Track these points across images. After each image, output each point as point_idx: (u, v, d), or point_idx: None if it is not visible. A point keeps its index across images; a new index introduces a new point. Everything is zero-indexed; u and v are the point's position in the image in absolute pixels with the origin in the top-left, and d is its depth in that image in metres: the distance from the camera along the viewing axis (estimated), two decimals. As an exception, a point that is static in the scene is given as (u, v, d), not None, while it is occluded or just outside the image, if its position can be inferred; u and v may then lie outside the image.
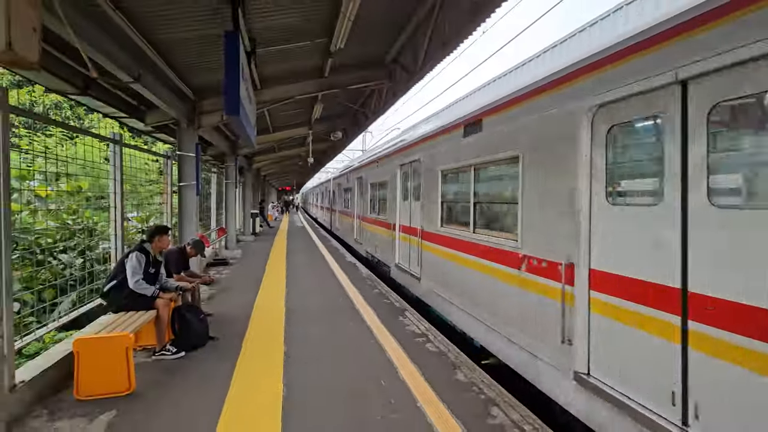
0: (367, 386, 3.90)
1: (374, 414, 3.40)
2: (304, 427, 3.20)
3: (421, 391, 3.81)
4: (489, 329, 4.79)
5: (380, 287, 8.28)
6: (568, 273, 3.42)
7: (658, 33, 2.73)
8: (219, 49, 5.57)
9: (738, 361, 2.21)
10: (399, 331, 5.56)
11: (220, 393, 3.74)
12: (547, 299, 3.72)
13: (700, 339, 2.42)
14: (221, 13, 4.46)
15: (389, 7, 5.28)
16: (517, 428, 3.23)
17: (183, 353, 4.59)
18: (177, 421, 3.29)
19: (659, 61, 2.70)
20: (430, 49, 5.68)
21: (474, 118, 5.01)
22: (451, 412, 3.43)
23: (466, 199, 5.47)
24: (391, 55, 7.12)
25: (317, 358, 4.59)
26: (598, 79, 3.19)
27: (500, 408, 3.53)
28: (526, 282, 4.06)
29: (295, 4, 4.62)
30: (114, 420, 3.29)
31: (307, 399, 3.64)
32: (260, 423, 3.25)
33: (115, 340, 3.66)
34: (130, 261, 4.44)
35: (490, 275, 4.76)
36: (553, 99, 3.70)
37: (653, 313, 2.72)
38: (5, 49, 2.07)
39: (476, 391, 3.86)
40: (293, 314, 6.27)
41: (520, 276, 4.16)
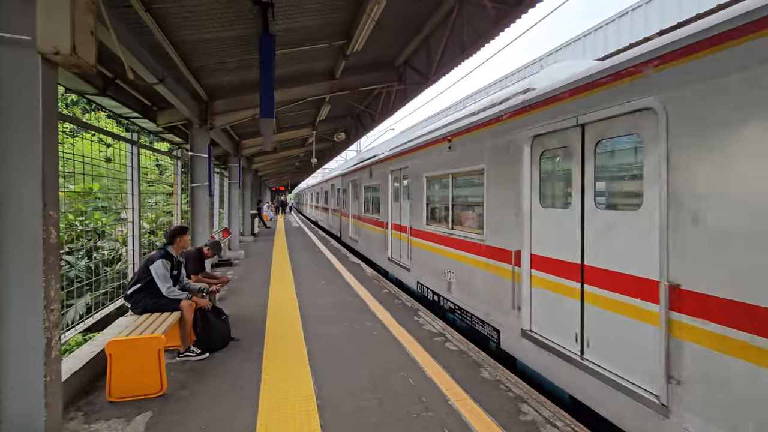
0: (397, 385, 3.96)
1: (410, 412, 3.46)
2: (343, 426, 3.25)
3: (450, 390, 3.87)
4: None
5: (389, 287, 8.33)
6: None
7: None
8: (238, 51, 5.62)
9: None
10: (416, 330, 5.62)
11: (251, 393, 3.76)
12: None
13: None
14: (246, 14, 4.47)
15: (406, 10, 5.33)
16: (550, 424, 3.31)
17: (207, 354, 4.61)
18: (215, 420, 3.31)
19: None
20: (446, 53, 5.75)
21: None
22: (484, 410, 3.51)
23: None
24: (402, 57, 7.18)
25: (342, 357, 4.63)
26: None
27: (530, 405, 3.61)
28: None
29: (319, 6, 4.65)
30: (151, 421, 3.30)
31: (340, 398, 3.68)
32: (299, 422, 3.28)
33: (147, 341, 3.67)
34: (156, 268, 4.44)
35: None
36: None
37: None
38: (71, 52, 2.09)
39: (504, 388, 3.93)
40: (308, 314, 6.30)
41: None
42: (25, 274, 2.13)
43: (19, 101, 2.08)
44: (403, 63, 7.32)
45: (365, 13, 4.28)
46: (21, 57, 2.06)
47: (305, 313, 6.37)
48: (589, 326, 3.64)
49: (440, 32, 5.76)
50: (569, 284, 3.86)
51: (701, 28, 2.68)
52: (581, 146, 3.67)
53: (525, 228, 4.43)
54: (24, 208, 2.12)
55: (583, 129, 3.64)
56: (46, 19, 2.05)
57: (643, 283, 3.08)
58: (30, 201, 2.12)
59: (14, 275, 2.12)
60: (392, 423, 3.29)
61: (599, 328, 3.52)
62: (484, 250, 5.31)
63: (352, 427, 3.23)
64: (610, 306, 3.40)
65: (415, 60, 6.92)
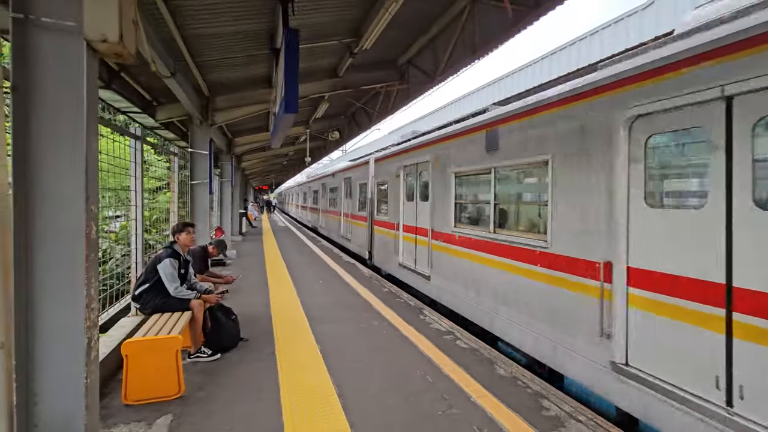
0: (416, 383, 3.97)
1: (434, 409, 3.47)
2: (371, 423, 3.23)
3: (470, 386, 3.90)
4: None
5: (389, 286, 8.33)
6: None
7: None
8: (244, 46, 5.52)
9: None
10: (424, 328, 5.64)
11: (271, 393, 3.71)
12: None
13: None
14: (259, 8, 4.40)
15: (417, 8, 5.35)
16: (573, 419, 3.38)
17: (219, 355, 4.51)
18: (239, 421, 3.25)
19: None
20: (455, 53, 5.79)
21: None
22: (507, 405, 3.55)
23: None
24: (406, 56, 7.19)
25: (356, 356, 4.60)
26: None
27: (550, 401, 3.67)
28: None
29: (335, 2, 4.62)
30: (173, 424, 3.21)
31: (363, 397, 3.66)
32: (326, 422, 3.25)
33: (165, 342, 3.57)
34: (164, 267, 4.32)
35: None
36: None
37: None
38: (118, 40, 2.02)
39: (521, 385, 3.99)
40: (313, 313, 6.24)
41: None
42: (66, 271, 2.04)
43: (63, 91, 1.99)
44: (407, 62, 7.34)
45: (383, 9, 4.27)
46: (67, 44, 1.98)
47: (309, 312, 6.30)
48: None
49: (449, 32, 5.79)
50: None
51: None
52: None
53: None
54: (66, 202, 2.03)
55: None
56: (93, 6, 1.96)
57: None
58: (72, 195, 2.03)
59: (54, 272, 2.03)
60: (420, 421, 3.30)
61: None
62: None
63: (382, 425, 3.22)
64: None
65: (420, 59, 6.94)
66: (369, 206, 10.87)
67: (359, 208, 12.05)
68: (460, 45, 5.65)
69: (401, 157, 8.20)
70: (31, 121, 1.97)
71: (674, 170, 3.32)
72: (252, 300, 7.01)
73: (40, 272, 2.01)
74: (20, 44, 1.93)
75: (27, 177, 1.98)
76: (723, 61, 2.73)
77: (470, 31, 5.34)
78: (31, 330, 2.02)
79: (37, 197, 2.00)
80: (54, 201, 2.02)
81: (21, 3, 1.91)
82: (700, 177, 3.03)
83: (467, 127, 5.72)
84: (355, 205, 12.45)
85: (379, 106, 9.28)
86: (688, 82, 2.93)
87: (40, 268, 2.01)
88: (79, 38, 1.98)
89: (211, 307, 4.71)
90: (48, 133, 2.00)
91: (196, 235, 7.14)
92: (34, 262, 2.00)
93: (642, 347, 3.29)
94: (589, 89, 3.81)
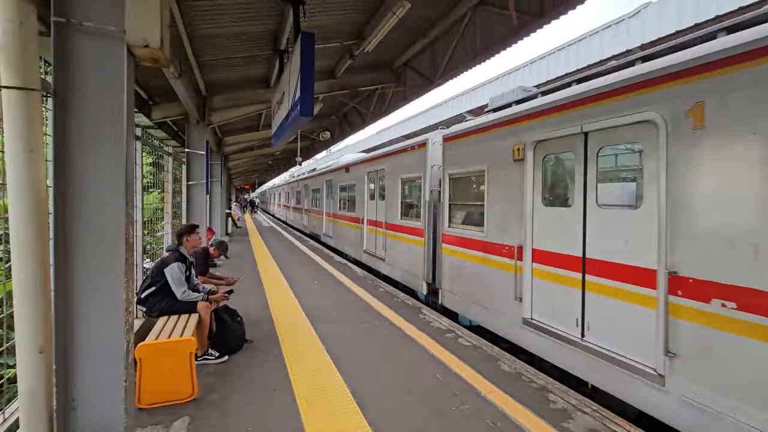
0: (426, 380, 4.06)
1: (449, 405, 3.57)
2: (388, 420, 3.31)
3: (478, 383, 4.02)
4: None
5: (385, 286, 8.41)
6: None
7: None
8: (246, 47, 5.51)
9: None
10: (426, 327, 5.75)
11: (286, 394, 3.74)
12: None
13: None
14: (267, 11, 4.41)
15: (419, 13, 5.44)
16: (580, 411, 3.54)
17: (226, 357, 4.49)
18: (258, 422, 3.27)
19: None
20: (454, 57, 5.91)
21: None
22: (516, 400, 3.68)
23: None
24: (403, 58, 7.28)
25: (363, 355, 4.67)
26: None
27: (556, 394, 3.83)
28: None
29: (342, 5, 4.66)
30: (191, 427, 3.20)
31: (377, 395, 3.73)
32: (345, 421, 3.31)
33: (179, 344, 3.55)
34: (171, 272, 4.29)
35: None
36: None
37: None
38: (159, 46, 2.03)
39: (527, 380, 4.14)
40: (313, 314, 6.26)
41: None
42: (105, 273, 2.04)
43: (103, 94, 1.99)
44: (403, 64, 7.43)
45: (390, 12, 4.34)
46: (107, 48, 1.98)
47: (310, 313, 6.32)
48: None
49: (450, 36, 5.90)
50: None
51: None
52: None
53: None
54: (105, 205, 2.03)
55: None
56: (135, 12, 1.97)
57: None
58: (111, 198, 2.04)
59: (94, 275, 2.03)
60: (435, 417, 3.39)
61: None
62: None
63: (399, 422, 3.30)
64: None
65: (418, 62, 7.03)
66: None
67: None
68: (460, 49, 5.77)
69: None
70: (70, 124, 1.97)
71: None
72: (249, 301, 6.97)
73: (79, 275, 2.01)
74: (61, 48, 1.92)
75: (66, 179, 1.97)
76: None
77: (471, 36, 5.46)
78: (70, 334, 2.01)
79: (76, 200, 2.00)
80: (93, 204, 2.02)
81: (63, 7, 1.90)
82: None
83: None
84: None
85: (374, 106, 9.34)
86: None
87: (79, 271, 2.01)
88: (119, 43, 1.99)
89: (216, 309, 4.69)
90: (87, 136, 1.99)
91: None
92: (73, 265, 2.00)
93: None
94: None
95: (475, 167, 5.76)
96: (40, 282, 2.01)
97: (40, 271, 2.00)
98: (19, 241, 1.96)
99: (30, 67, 1.95)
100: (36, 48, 1.98)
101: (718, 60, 3.01)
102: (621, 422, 3.37)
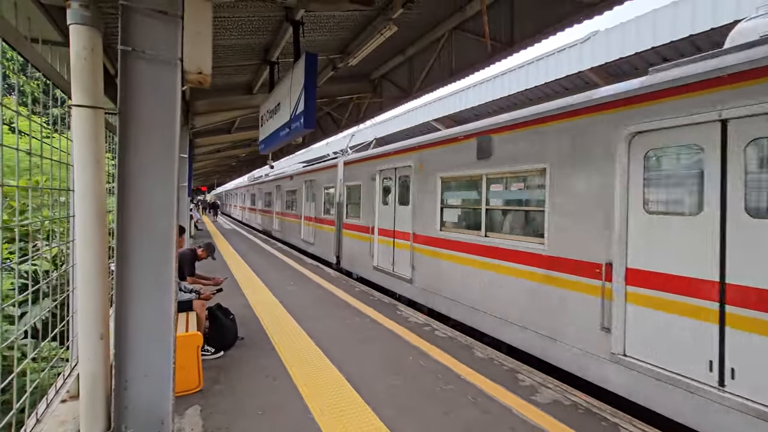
0: (411, 367, 4.53)
1: (433, 386, 4.06)
2: (382, 399, 3.74)
3: (457, 367, 4.55)
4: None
5: (360, 286, 8.81)
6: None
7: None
8: (238, 57, 5.75)
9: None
10: (404, 322, 6.22)
11: (286, 382, 4.06)
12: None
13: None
14: (264, 27, 4.72)
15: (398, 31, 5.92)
16: (545, 387, 4.14)
17: (222, 352, 4.72)
18: (266, 406, 3.58)
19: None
20: (431, 73, 6.44)
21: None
22: (491, 380, 4.24)
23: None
24: (381, 71, 7.74)
25: (350, 347, 5.06)
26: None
27: (524, 374, 4.43)
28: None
29: (335, 24, 5.05)
30: (204, 413, 3.47)
31: (368, 379, 4.15)
32: (345, 402, 3.70)
33: (186, 339, 3.78)
34: None
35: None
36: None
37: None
38: (210, 72, 2.36)
39: (498, 363, 4.72)
40: (296, 312, 6.55)
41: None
42: (157, 270, 2.33)
43: (158, 113, 2.29)
44: (381, 76, 7.89)
45: (378, 33, 4.78)
46: (165, 73, 2.27)
47: (293, 311, 6.61)
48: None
49: (426, 55, 6.41)
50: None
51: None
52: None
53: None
54: (159, 209, 2.31)
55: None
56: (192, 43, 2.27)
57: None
58: (164, 204, 2.33)
59: (148, 272, 2.31)
60: (425, 396, 3.86)
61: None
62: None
63: (392, 401, 3.74)
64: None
65: (396, 75, 7.51)
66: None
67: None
68: (437, 67, 6.31)
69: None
70: (130, 138, 2.25)
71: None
72: (231, 302, 7.08)
73: (136, 271, 2.27)
74: (125, 73, 2.21)
75: (126, 187, 2.25)
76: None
77: (447, 56, 6.02)
78: (125, 323, 2.29)
79: (133, 205, 2.28)
80: (148, 208, 2.30)
81: (128, 37, 2.19)
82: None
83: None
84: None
85: (349, 113, 9.72)
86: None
87: (135, 267, 2.27)
88: (175, 69, 2.29)
89: (210, 307, 4.91)
90: (143, 149, 2.27)
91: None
92: (130, 262, 2.28)
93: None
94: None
95: (357, 182, 9.62)
96: (101, 276, 2.28)
97: (100, 267, 2.27)
98: (85, 241, 2.21)
99: (97, 87, 2.22)
100: (101, 71, 2.25)
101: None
102: (578, 394, 4.00)
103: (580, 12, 4.11)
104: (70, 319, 3.26)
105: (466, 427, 3.35)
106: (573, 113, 4.34)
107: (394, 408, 3.62)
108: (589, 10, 4.05)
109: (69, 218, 3.31)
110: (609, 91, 4.03)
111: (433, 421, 3.42)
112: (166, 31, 2.25)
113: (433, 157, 6.64)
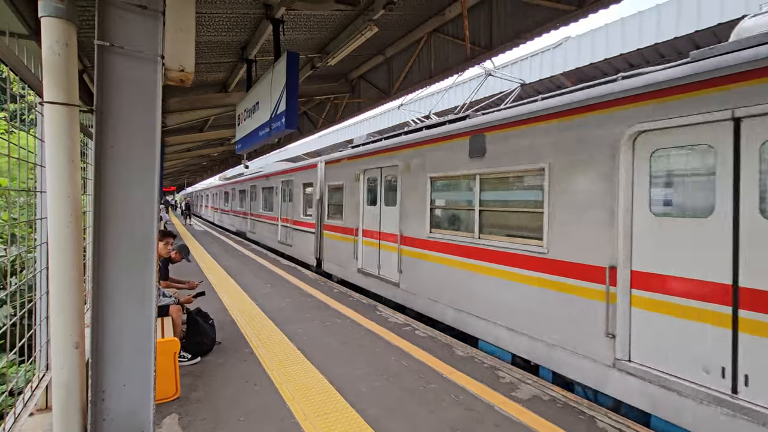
0: (393, 367, 4.54)
1: (416, 386, 4.08)
2: (367, 400, 3.73)
3: (439, 366, 4.59)
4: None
5: (338, 287, 8.76)
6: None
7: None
8: (213, 54, 5.60)
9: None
10: (384, 323, 6.23)
11: (268, 386, 3.99)
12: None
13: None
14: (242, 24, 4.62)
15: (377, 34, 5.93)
16: (523, 383, 4.25)
17: (198, 358, 4.59)
18: (249, 413, 3.50)
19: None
20: (410, 75, 6.48)
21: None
22: (473, 378, 4.30)
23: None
24: (359, 71, 7.72)
25: (331, 349, 5.02)
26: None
27: (504, 372, 4.52)
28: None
29: (316, 24, 4.99)
30: (183, 422, 3.36)
31: (352, 381, 4.13)
32: (329, 404, 3.66)
33: (164, 345, 3.64)
34: None
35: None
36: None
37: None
38: (193, 70, 2.29)
39: (479, 361, 4.80)
40: (274, 315, 6.44)
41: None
42: (136, 274, 2.23)
43: (137, 112, 2.20)
44: (359, 77, 7.87)
45: (358, 32, 4.77)
46: (145, 71, 2.18)
47: (271, 314, 6.50)
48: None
49: (405, 56, 6.43)
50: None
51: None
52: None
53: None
54: (136, 210, 2.22)
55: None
56: (174, 40, 2.18)
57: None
58: (142, 204, 2.24)
59: (126, 275, 2.20)
60: (407, 395, 3.88)
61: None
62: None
63: (377, 401, 3.74)
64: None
65: (374, 75, 7.49)
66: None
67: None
68: (416, 68, 6.35)
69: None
70: (108, 137, 2.15)
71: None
72: (207, 307, 6.87)
73: (113, 275, 2.16)
74: (102, 70, 2.11)
75: (103, 187, 2.15)
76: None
77: (426, 58, 6.07)
78: (102, 330, 2.18)
79: (111, 205, 2.17)
80: (126, 209, 2.20)
81: (105, 32, 2.09)
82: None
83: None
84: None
85: (326, 113, 9.65)
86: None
87: (113, 271, 2.16)
88: (155, 66, 2.21)
89: (188, 311, 4.75)
90: (121, 148, 2.18)
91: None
92: (107, 266, 2.17)
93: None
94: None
95: (339, 182, 9.53)
96: (76, 282, 2.16)
97: (76, 271, 2.16)
98: (59, 244, 2.10)
99: (72, 84, 2.11)
100: (76, 67, 2.14)
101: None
102: (556, 389, 4.13)
103: (557, 18, 4.25)
104: (38, 327, 3.08)
105: (452, 425, 3.39)
106: (575, 111, 4.20)
107: (378, 409, 3.62)
108: (566, 17, 4.18)
109: (38, 221, 3.14)
110: (615, 88, 3.89)
111: (419, 421, 3.44)
112: (145, 27, 2.17)
113: (423, 156, 6.35)
